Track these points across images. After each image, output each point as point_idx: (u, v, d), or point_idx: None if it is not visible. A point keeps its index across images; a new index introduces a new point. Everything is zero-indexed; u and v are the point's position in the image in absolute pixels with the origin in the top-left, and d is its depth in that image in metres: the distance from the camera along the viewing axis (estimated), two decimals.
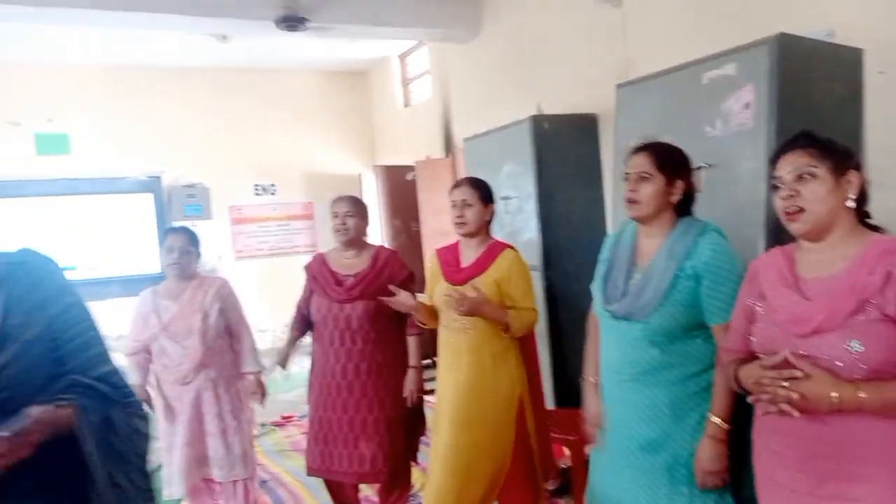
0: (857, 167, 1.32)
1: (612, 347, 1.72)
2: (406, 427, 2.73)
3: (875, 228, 1.34)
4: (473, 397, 2.26)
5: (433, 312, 2.46)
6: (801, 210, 1.30)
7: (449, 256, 2.50)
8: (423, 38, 5.77)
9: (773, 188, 1.37)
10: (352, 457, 2.63)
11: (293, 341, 2.81)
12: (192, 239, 2.70)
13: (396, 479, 2.76)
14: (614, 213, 3.29)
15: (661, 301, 1.59)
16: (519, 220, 3.83)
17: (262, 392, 2.86)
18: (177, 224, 2.92)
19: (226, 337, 2.76)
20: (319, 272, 2.72)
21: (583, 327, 1.96)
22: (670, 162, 1.71)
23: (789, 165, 1.33)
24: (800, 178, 1.31)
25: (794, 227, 1.32)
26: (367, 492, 3.11)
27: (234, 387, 2.77)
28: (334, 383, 2.65)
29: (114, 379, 1.27)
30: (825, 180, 1.29)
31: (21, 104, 6.28)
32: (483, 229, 2.44)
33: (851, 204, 1.31)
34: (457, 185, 2.48)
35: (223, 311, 2.71)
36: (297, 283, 2.88)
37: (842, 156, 1.31)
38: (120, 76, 6.57)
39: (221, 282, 2.78)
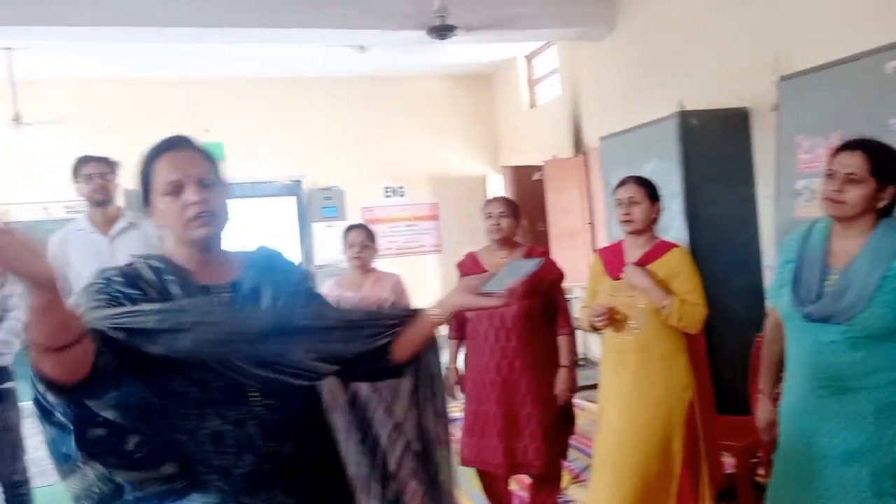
0: None
1: (804, 352, 1.66)
2: (557, 425, 2.77)
3: None
4: (641, 399, 2.25)
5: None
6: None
7: (612, 256, 2.50)
8: (557, 38, 5.78)
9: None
10: (505, 450, 2.70)
11: (456, 353, 2.91)
12: (369, 235, 2.90)
13: (547, 477, 2.81)
14: (776, 211, 3.15)
15: (866, 302, 1.52)
16: (663, 220, 3.72)
17: None
18: (354, 222, 3.11)
19: None
20: (472, 271, 2.82)
21: (733, 331, 1.90)
22: (886, 167, 1.60)
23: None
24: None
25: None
26: (516, 487, 3.17)
27: None
28: (488, 378, 2.73)
29: None
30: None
31: (182, 116, 6.92)
32: (650, 227, 2.42)
33: None
34: (621, 183, 2.47)
35: (396, 305, 2.88)
36: (423, 282, 3.00)
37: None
38: (267, 88, 7.10)
39: (396, 278, 2.96)
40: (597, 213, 5.63)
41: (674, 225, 3.66)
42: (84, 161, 2.87)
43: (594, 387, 4.67)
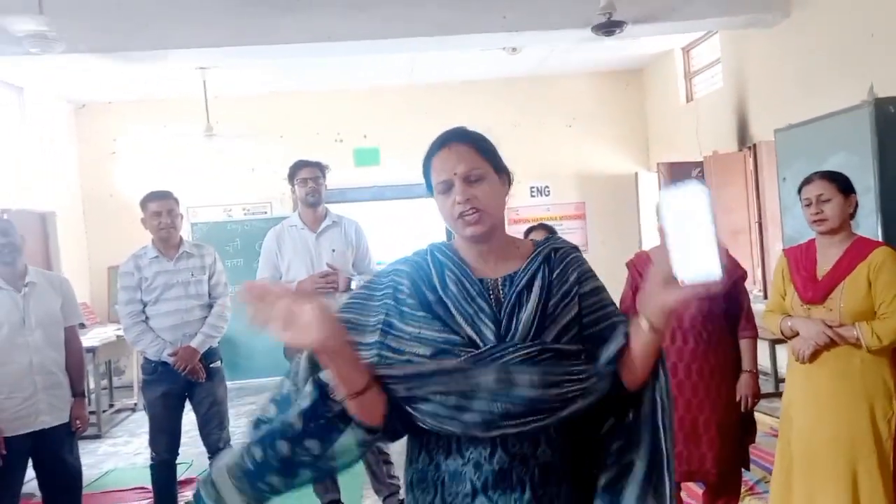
0: None
1: None
2: (737, 433, 2.64)
3: None
4: (839, 409, 2.10)
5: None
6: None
7: (802, 259, 2.33)
8: (723, 27, 5.48)
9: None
10: (679, 455, 2.62)
11: None
12: (550, 232, 2.97)
13: (724, 485, 2.68)
14: None
15: None
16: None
17: None
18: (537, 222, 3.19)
19: None
20: (646, 269, 2.76)
21: None
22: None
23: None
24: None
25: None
26: (684, 495, 3.07)
27: None
28: None
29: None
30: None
31: (343, 124, 7.44)
32: (845, 224, 2.24)
33: None
34: (807, 181, 2.31)
35: None
36: None
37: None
38: (421, 94, 7.40)
39: None
40: (766, 211, 5.26)
41: (866, 224, 3.34)
42: (299, 166, 3.15)
43: (769, 396, 4.44)
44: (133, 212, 6.43)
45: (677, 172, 6.15)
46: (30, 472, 2.79)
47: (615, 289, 2.84)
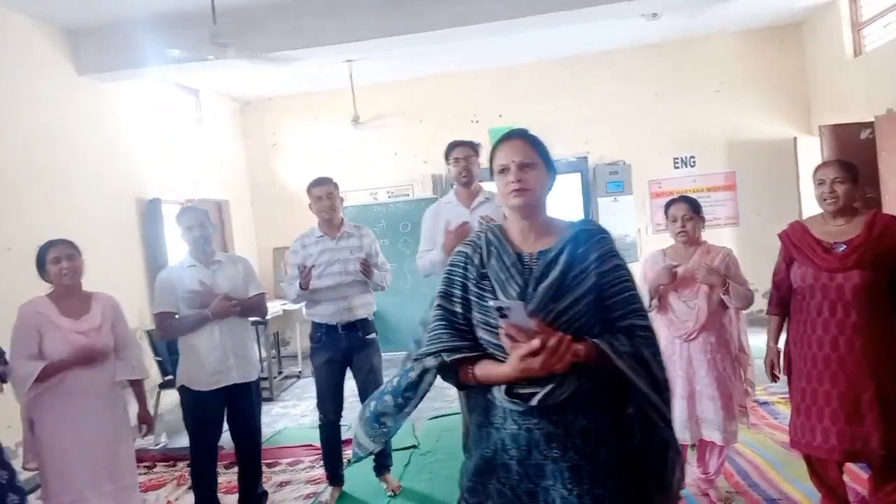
0: None
1: None
2: None
3: None
4: None
5: None
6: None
7: None
8: None
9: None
10: (841, 433, 2.49)
11: (778, 330, 2.78)
12: (692, 206, 2.92)
13: (893, 469, 2.51)
14: None
15: None
16: None
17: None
18: (679, 195, 3.14)
19: (723, 305, 2.89)
20: (802, 240, 2.62)
21: None
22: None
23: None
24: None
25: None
26: (847, 479, 2.89)
27: (730, 353, 2.91)
28: (821, 355, 2.53)
29: (643, 327, 1.49)
30: None
31: (479, 105, 7.58)
32: None
33: None
34: None
35: (729, 277, 2.85)
36: None
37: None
38: (556, 68, 7.35)
39: (727, 251, 2.93)
40: None
41: None
42: (453, 146, 3.31)
43: None
44: (293, 197, 7.08)
45: (843, 135, 5.62)
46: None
47: (769, 263, 2.75)
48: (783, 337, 2.76)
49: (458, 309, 1.56)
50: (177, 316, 3.10)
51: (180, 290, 3.06)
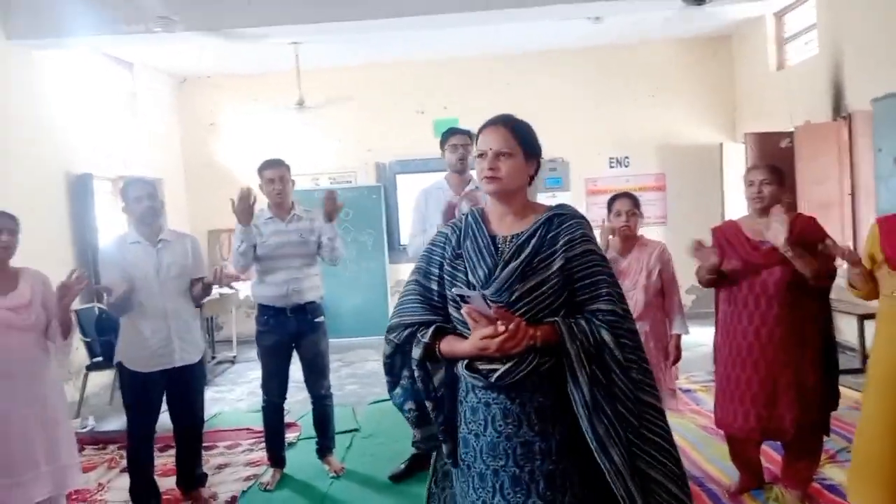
0: None
1: None
2: (818, 398, 2.70)
3: None
4: None
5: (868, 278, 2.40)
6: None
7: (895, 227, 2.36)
8: None
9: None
10: (759, 415, 2.71)
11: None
12: (635, 202, 3.06)
13: (804, 448, 2.77)
14: None
15: None
16: None
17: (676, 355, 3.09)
18: (623, 191, 3.27)
19: (659, 296, 3.05)
20: (734, 237, 2.82)
21: None
22: None
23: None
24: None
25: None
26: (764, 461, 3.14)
27: (662, 342, 3.06)
28: (745, 344, 2.74)
29: (609, 311, 1.52)
30: None
31: (424, 96, 7.62)
32: None
33: None
34: None
35: (662, 272, 3.02)
36: None
37: None
38: (500, 64, 7.48)
39: (662, 245, 3.08)
40: (860, 182, 5.10)
41: None
42: (452, 132, 3.33)
43: (855, 371, 4.39)
44: (231, 179, 6.89)
45: (766, 143, 6.01)
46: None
47: (693, 260, 2.92)
48: (711, 329, 2.97)
49: (435, 286, 1.63)
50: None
51: (126, 266, 2.97)
